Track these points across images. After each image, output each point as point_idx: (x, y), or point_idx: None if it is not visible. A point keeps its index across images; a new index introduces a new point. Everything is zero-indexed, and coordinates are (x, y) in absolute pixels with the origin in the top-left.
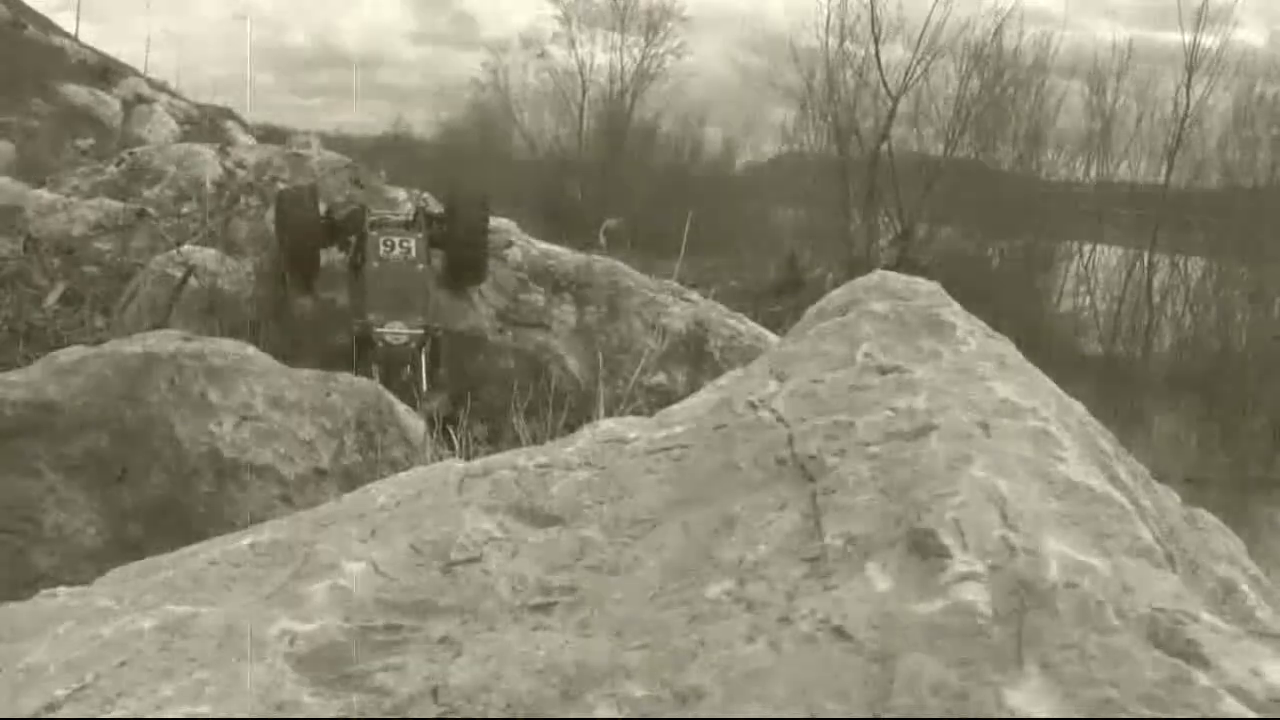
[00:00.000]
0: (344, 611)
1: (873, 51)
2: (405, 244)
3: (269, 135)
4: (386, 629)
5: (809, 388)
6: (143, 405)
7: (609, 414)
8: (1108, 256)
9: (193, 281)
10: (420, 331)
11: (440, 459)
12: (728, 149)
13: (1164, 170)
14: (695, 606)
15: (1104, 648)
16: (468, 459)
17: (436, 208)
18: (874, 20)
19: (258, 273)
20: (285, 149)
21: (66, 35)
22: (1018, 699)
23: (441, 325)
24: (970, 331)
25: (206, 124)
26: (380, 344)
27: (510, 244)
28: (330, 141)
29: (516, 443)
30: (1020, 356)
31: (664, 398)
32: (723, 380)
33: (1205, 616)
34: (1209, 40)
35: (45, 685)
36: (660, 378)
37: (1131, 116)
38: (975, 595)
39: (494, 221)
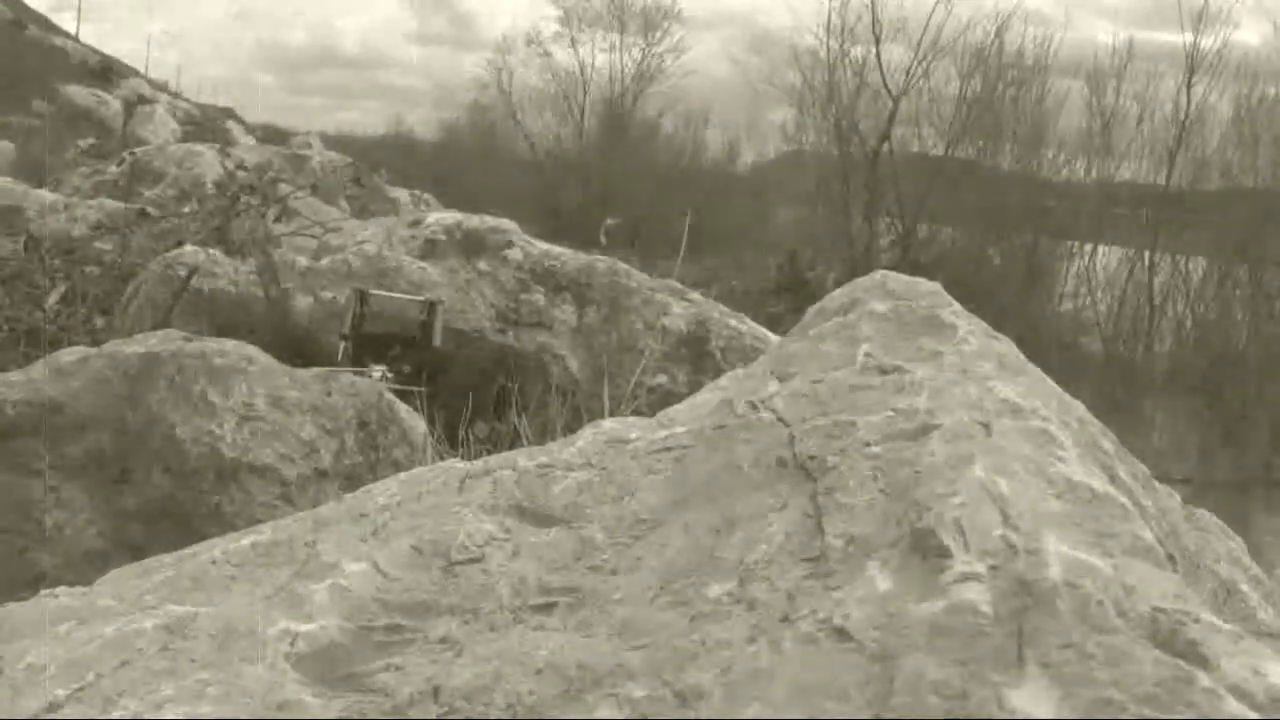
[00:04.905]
0: (345, 611)
1: (874, 52)
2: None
3: (270, 135)
4: (387, 629)
5: (810, 388)
6: (144, 405)
7: (610, 414)
8: (1109, 257)
9: (195, 282)
10: (420, 299)
11: (441, 459)
12: (729, 149)
13: (1165, 170)
14: (696, 607)
15: (1105, 648)
16: (468, 459)
17: (439, 210)
18: (875, 21)
19: (258, 273)
20: (286, 149)
21: (68, 35)
22: (1019, 699)
23: (442, 302)
24: (971, 331)
25: (207, 124)
26: (376, 305)
27: (510, 244)
28: (331, 141)
29: (517, 443)
30: (1021, 356)
31: (665, 398)
32: (724, 380)
33: (1206, 617)
34: (1208, 41)
35: (46, 685)
36: (661, 378)
37: (1132, 117)
38: (976, 595)
39: (494, 221)
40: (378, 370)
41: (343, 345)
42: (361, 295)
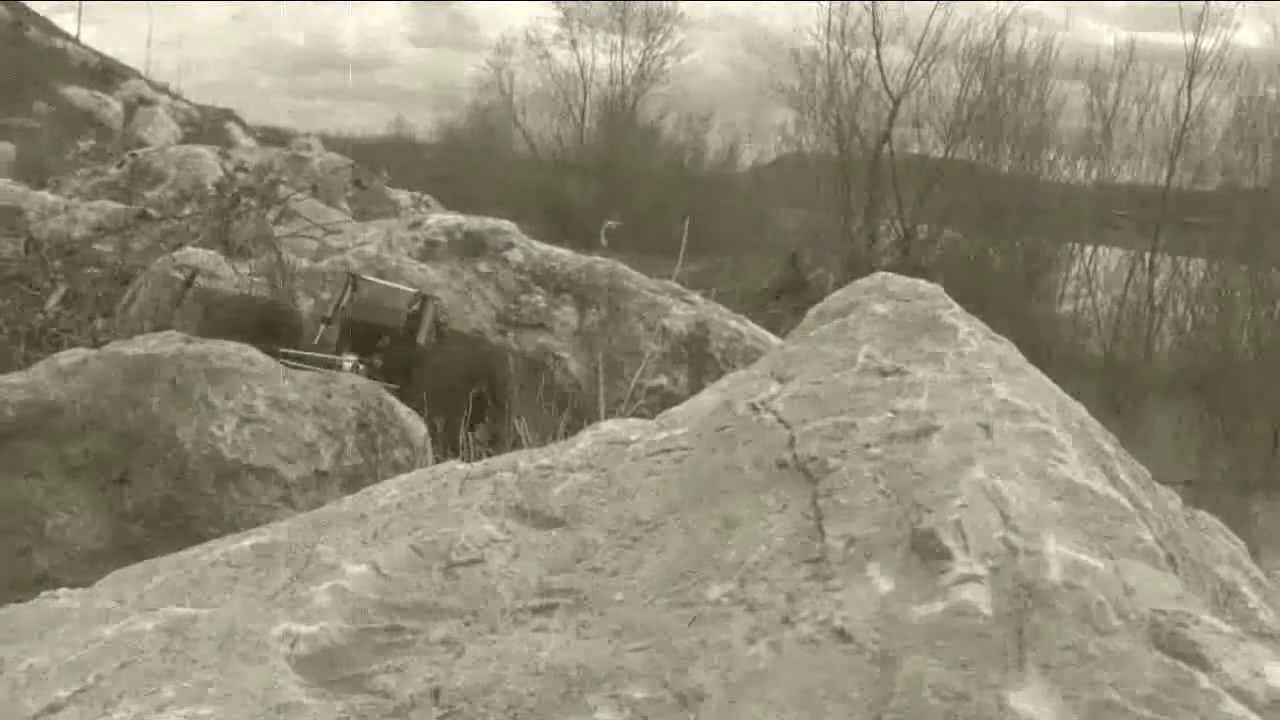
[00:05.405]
0: (345, 613)
1: (874, 53)
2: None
3: (270, 137)
4: (388, 630)
5: (810, 389)
6: (144, 407)
7: (610, 415)
8: (1109, 258)
9: (198, 281)
10: (412, 291)
11: (443, 459)
12: (729, 150)
13: (1165, 172)
14: (696, 608)
15: (1105, 649)
16: (468, 460)
17: (439, 211)
18: (875, 22)
19: (266, 273)
20: (286, 151)
21: (68, 37)
22: (1019, 701)
23: (436, 299)
24: (971, 333)
25: (207, 126)
26: (365, 291)
27: (511, 245)
28: (331, 143)
29: (518, 444)
30: (1021, 358)
31: (665, 399)
32: (724, 382)
33: (1206, 618)
34: (1209, 42)
35: (47, 686)
36: (661, 379)
37: (1133, 118)
38: (976, 597)
39: (495, 223)
40: (349, 361)
41: (321, 328)
42: (352, 279)
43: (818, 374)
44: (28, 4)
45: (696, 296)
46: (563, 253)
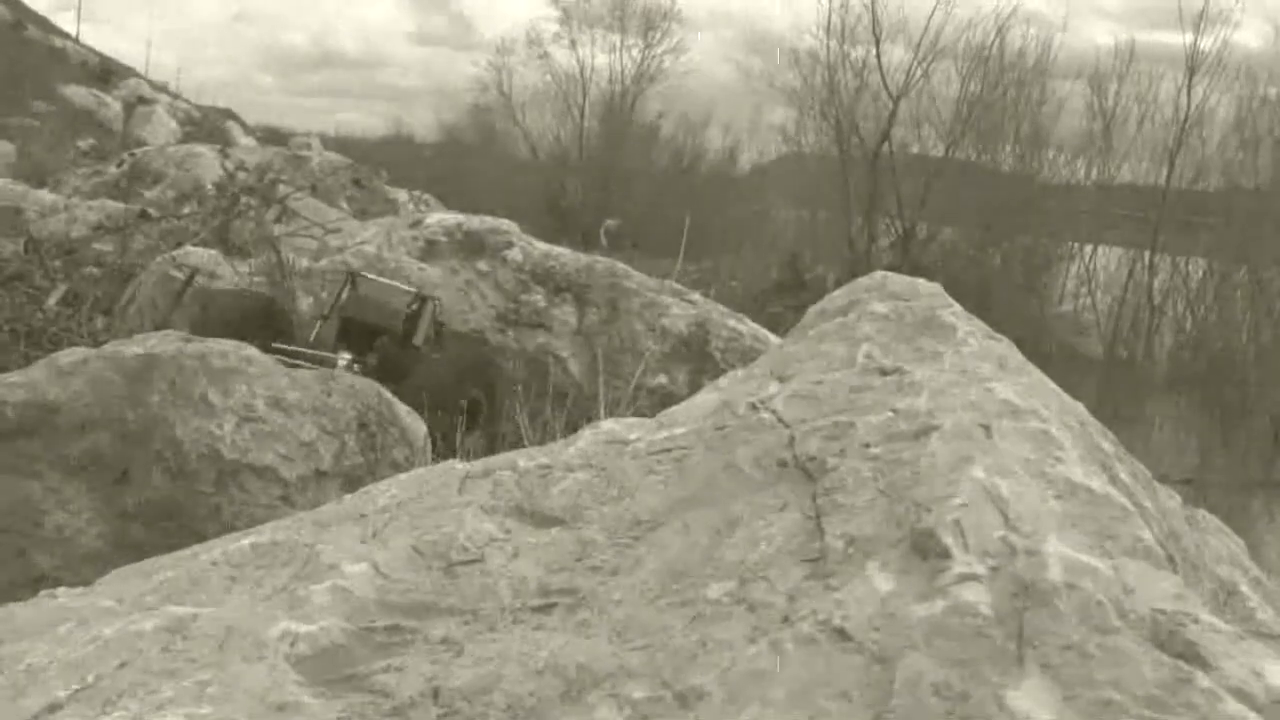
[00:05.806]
0: (345, 612)
1: (873, 53)
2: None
3: (270, 136)
4: (388, 630)
5: (810, 389)
6: (144, 406)
7: (610, 415)
8: (1108, 257)
9: (198, 280)
10: (411, 291)
11: (441, 460)
12: (729, 150)
13: (1165, 171)
14: (696, 607)
15: (1105, 649)
16: (468, 459)
17: (439, 211)
18: (875, 21)
19: (266, 272)
20: (286, 150)
21: (68, 36)
22: (1018, 700)
23: (435, 299)
24: (971, 332)
25: (207, 125)
26: (364, 289)
27: (510, 245)
28: (331, 142)
29: (518, 443)
30: (1021, 357)
31: (665, 399)
32: (723, 381)
33: (1206, 617)
34: (1208, 43)
35: (47, 686)
36: (661, 378)
37: (1132, 118)
38: (976, 596)
39: (494, 222)
40: (344, 359)
41: (319, 325)
42: (352, 277)
43: (817, 373)
44: (27, 3)
45: (696, 296)
46: (562, 252)
